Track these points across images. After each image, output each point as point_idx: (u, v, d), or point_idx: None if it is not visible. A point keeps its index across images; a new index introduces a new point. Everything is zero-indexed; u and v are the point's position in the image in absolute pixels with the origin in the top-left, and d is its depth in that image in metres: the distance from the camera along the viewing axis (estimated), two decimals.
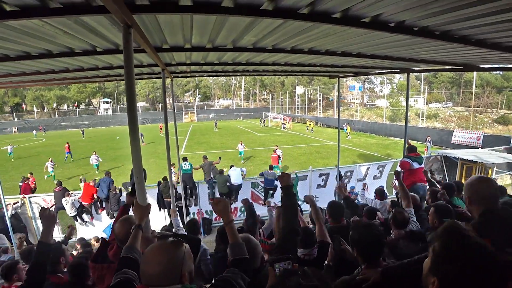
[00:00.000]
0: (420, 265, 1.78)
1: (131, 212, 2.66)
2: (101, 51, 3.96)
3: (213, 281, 1.72)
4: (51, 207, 2.57)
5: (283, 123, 44.11)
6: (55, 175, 17.27)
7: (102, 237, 3.10)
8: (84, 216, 10.15)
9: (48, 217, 2.23)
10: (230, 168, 11.26)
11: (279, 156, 16.72)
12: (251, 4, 2.36)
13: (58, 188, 9.85)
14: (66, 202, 9.59)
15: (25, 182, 11.65)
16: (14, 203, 9.29)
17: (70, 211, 9.69)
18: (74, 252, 5.96)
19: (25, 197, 9.66)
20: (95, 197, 10.02)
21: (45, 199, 9.99)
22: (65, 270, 3.07)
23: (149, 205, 2.29)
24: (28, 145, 34.31)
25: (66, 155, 23.80)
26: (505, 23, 2.83)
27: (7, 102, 61.21)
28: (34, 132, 44.16)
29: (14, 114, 58.99)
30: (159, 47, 4.08)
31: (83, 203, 9.96)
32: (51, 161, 17.75)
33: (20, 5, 2.13)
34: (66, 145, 24.04)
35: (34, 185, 12.06)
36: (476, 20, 2.79)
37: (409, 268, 1.79)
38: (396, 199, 6.45)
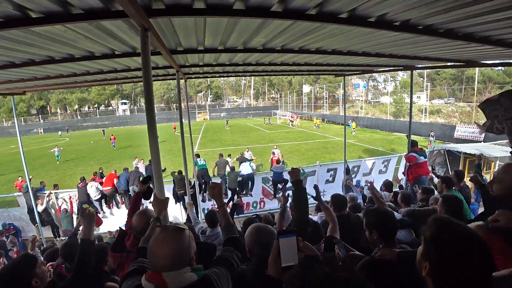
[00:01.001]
0: None
1: (145, 204, 2.68)
2: (119, 54, 3.99)
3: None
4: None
5: (291, 120, 43.90)
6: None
7: (119, 227, 3.12)
8: (104, 207, 10.39)
9: (88, 215, 2.26)
10: (240, 165, 11.38)
11: (278, 159, 14.01)
12: (262, 6, 2.34)
13: (81, 184, 10.01)
14: (91, 185, 10.13)
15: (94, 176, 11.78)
16: (47, 196, 9.54)
17: (95, 194, 10.13)
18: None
19: (51, 193, 9.86)
20: (115, 182, 10.40)
21: (71, 195, 10.19)
22: None
23: (167, 198, 2.32)
24: (53, 144, 34.93)
25: (113, 144, 28.64)
26: (510, 20, 2.75)
27: (33, 105, 62.45)
28: (59, 132, 44.97)
29: (40, 116, 60.24)
30: (174, 50, 4.09)
31: (104, 189, 10.31)
32: (141, 161, 15.75)
33: (44, 11, 2.16)
34: (112, 136, 29.59)
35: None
36: (481, 18, 2.72)
37: None
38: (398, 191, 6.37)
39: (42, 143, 36.05)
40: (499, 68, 44.13)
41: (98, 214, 9.85)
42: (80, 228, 2.59)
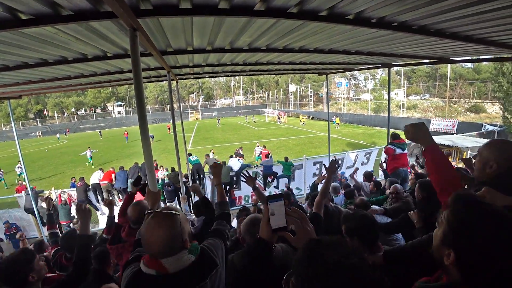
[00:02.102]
0: (421, 249, 1.68)
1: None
2: (111, 56, 3.90)
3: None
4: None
5: (278, 117, 43.99)
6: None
7: (115, 222, 3.14)
8: (94, 201, 10.28)
9: (84, 211, 2.24)
10: (230, 158, 11.40)
11: (268, 153, 14.24)
12: (245, 5, 2.32)
13: (80, 183, 9.84)
14: (98, 172, 10.51)
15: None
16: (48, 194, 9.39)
17: (95, 179, 10.28)
18: None
19: (51, 192, 9.66)
20: (113, 178, 10.38)
21: (70, 193, 10.00)
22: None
23: (160, 191, 2.29)
24: (52, 146, 34.22)
25: (127, 139, 30.90)
26: (474, 16, 2.79)
27: (30, 109, 60.88)
28: (58, 135, 43.80)
29: (38, 119, 58.78)
30: (164, 51, 4.03)
31: (101, 182, 10.24)
32: (212, 152, 15.09)
33: (34, 13, 2.08)
34: (125, 132, 32.52)
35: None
36: (449, 14, 2.75)
37: (409, 251, 1.76)
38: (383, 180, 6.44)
39: (41, 146, 35.23)
40: (469, 65, 45.12)
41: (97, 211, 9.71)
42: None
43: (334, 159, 3.10)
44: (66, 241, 2.96)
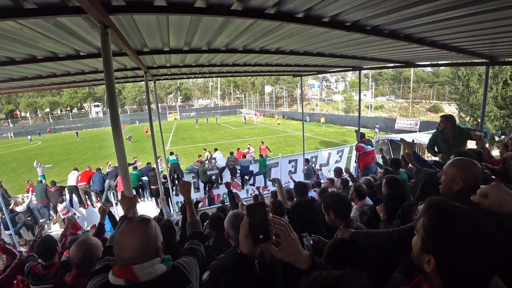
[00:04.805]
0: (385, 240, 1.81)
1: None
2: (84, 55, 3.65)
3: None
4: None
5: (244, 118, 42.80)
6: None
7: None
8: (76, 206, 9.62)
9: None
10: (215, 151, 11.17)
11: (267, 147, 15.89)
12: (222, 4, 2.19)
13: (53, 188, 9.19)
14: (74, 173, 9.76)
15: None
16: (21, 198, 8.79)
17: (72, 181, 9.65)
18: None
19: (25, 196, 9.03)
20: (91, 181, 9.68)
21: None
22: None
23: (136, 196, 2.12)
24: (24, 148, 32.15)
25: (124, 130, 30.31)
26: (440, 22, 2.83)
27: (1, 109, 56.67)
28: (29, 137, 39.78)
29: (9, 120, 54.71)
30: (140, 50, 3.82)
31: (79, 184, 9.55)
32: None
33: None
34: (123, 125, 30.71)
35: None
36: (418, 20, 2.77)
37: (373, 237, 1.87)
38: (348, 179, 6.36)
39: (13, 147, 33.00)
40: (429, 70, 47.30)
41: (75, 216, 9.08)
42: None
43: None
44: (42, 247, 2.60)
